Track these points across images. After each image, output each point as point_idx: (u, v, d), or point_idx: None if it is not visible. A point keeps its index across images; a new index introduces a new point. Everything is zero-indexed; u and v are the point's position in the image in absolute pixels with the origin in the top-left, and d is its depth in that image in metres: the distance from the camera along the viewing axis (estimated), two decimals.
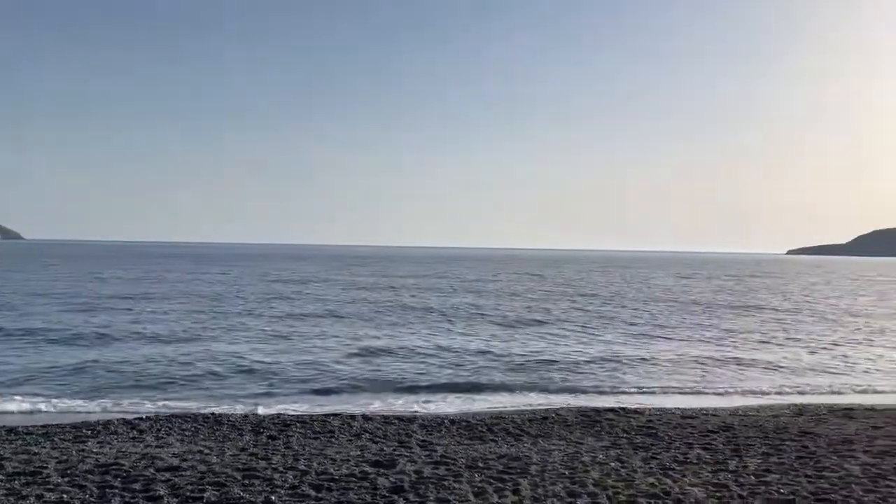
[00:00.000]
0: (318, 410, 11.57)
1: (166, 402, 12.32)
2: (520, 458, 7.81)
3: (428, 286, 49.73)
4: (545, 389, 14.11)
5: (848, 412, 11.13)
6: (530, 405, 12.45)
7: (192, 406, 12.00)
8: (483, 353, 18.62)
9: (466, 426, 9.92)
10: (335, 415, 10.78)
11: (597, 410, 11.19)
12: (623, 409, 11.39)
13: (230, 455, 7.87)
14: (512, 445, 8.73)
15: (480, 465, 7.52)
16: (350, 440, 8.97)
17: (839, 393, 14.34)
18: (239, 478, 6.81)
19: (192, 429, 9.60)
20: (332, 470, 7.17)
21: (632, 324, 26.99)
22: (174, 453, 7.94)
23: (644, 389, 14.34)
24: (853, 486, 6.83)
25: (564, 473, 7.16)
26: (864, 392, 14.54)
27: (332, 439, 9.01)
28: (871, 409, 11.60)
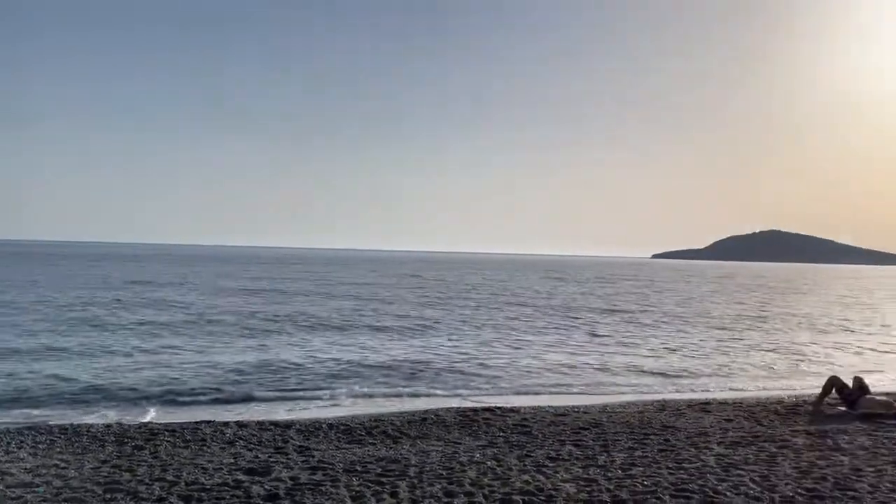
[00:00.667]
0: (189, 418, 11.06)
1: (17, 414, 11.38)
2: (398, 461, 7.82)
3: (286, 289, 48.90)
4: (423, 391, 14.20)
5: (704, 406, 11.92)
6: (410, 408, 12.48)
7: (48, 417, 11.15)
8: (356, 357, 18.50)
9: (345, 430, 9.81)
10: (207, 422, 10.34)
11: (474, 410, 11.38)
12: (499, 408, 11.66)
13: (90, 468, 7.37)
14: (391, 448, 8.72)
15: (358, 468, 7.46)
16: (223, 448, 8.64)
17: (698, 390, 15.31)
18: (100, 492, 6.40)
19: (47, 441, 8.91)
20: (203, 479, 6.88)
21: (505, 326, 27.71)
22: (26, 468, 7.34)
23: (520, 389, 14.73)
24: (708, 475, 7.33)
25: (442, 474, 7.23)
26: (720, 388, 15.59)
27: (204, 447, 8.64)
28: (725, 402, 12.48)
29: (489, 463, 7.78)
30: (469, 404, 12.58)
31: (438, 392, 14.16)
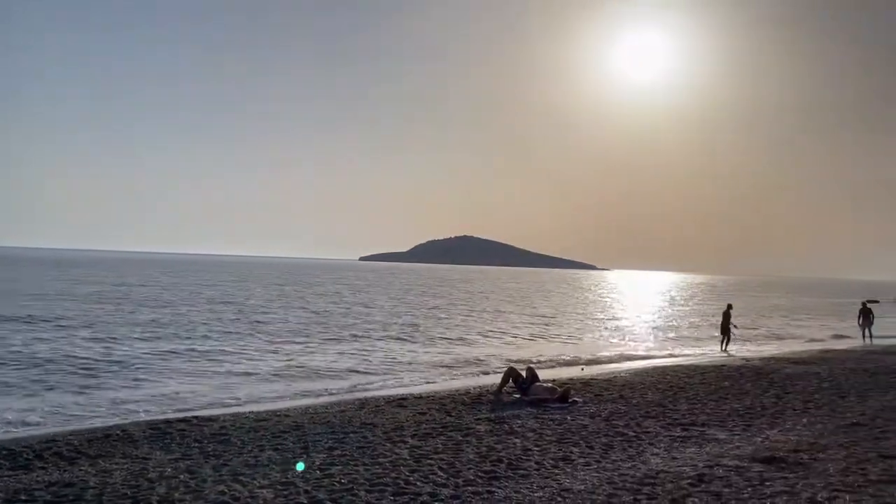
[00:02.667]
0: None
1: None
2: (73, 485, 6.99)
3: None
4: (104, 406, 12.92)
5: (401, 402, 12.55)
6: (90, 426, 11.22)
7: None
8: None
9: (8, 455, 8.44)
10: None
11: (168, 422, 10.60)
12: (196, 417, 11.03)
13: None
14: (65, 471, 7.75)
15: (23, 497, 6.52)
16: None
17: (394, 386, 16.07)
18: None
19: None
20: None
21: (182, 333, 26.48)
22: None
23: (223, 400, 14.08)
24: (401, 467, 7.74)
25: (127, 494, 6.63)
26: (413, 384, 16.54)
27: None
28: (420, 397, 13.27)
29: (182, 476, 7.32)
30: (163, 416, 11.72)
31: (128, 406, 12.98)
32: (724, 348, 25.06)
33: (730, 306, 26.60)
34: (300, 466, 7.71)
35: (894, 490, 6.82)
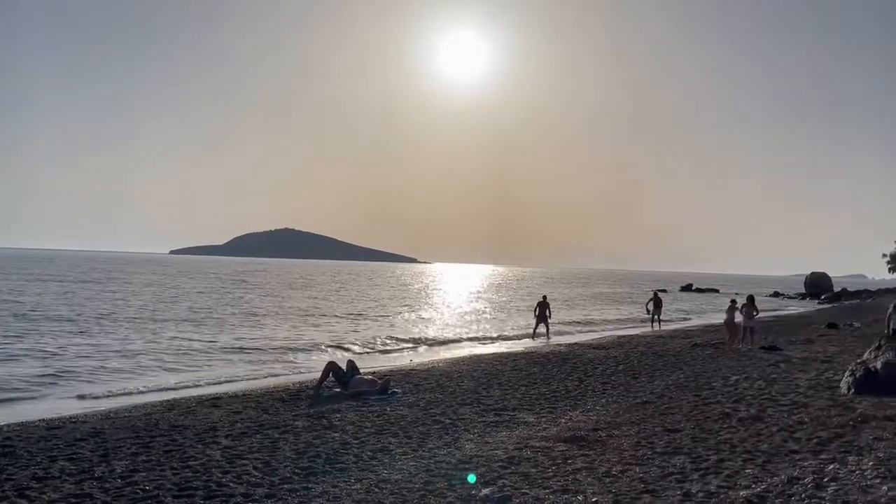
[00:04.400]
0: None
1: None
2: None
3: None
4: None
5: (215, 401, 11.97)
6: None
7: None
8: None
9: None
10: None
11: None
12: None
13: None
14: None
15: None
16: None
17: (208, 384, 15.25)
18: None
19: None
20: None
21: None
22: None
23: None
24: (213, 469, 7.40)
25: None
26: (229, 381, 15.78)
27: None
28: (236, 395, 12.75)
29: None
30: None
31: None
32: (536, 336, 26.59)
33: (545, 297, 28.26)
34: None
35: (677, 461, 7.60)
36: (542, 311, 27.14)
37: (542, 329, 27.06)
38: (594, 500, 6.30)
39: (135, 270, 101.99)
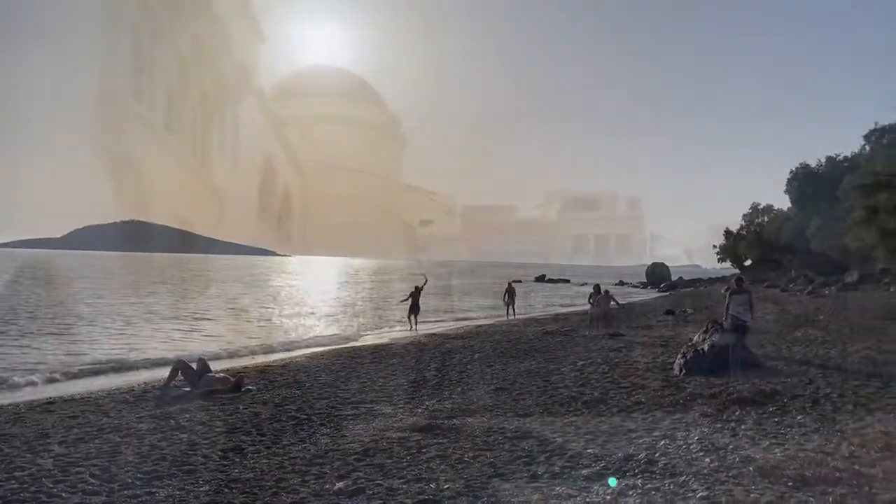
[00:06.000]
0: None
1: None
2: None
3: None
4: None
5: (48, 406, 11.09)
6: None
7: None
8: None
9: None
10: None
11: None
12: None
13: None
14: None
15: None
16: None
17: (39, 386, 14.12)
18: None
19: None
20: None
21: None
22: None
23: None
24: (44, 479, 6.86)
25: None
26: (64, 382, 14.69)
27: None
28: (71, 399, 11.88)
29: None
30: None
31: None
32: (414, 326, 26.47)
33: (417, 287, 28.15)
34: None
35: (525, 444, 7.94)
36: (416, 299, 27.19)
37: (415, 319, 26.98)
38: (446, 486, 6.45)
39: None
